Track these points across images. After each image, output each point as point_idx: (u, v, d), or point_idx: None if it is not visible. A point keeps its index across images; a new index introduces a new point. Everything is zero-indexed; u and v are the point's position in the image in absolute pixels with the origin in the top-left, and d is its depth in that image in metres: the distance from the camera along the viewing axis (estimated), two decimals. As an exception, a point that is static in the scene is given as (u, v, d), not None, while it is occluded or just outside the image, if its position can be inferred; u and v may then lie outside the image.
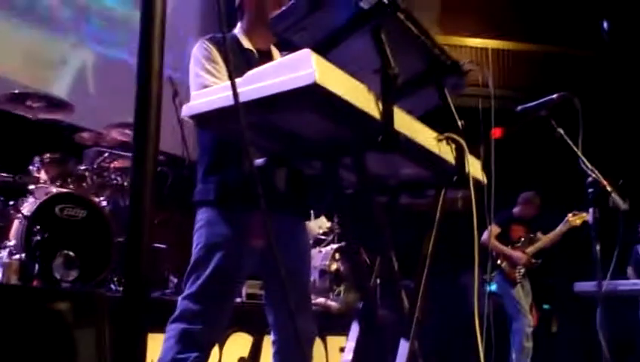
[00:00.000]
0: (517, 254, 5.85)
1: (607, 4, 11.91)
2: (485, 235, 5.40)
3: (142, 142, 0.86)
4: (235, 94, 1.01)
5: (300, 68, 1.19)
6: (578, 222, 5.60)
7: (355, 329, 1.71)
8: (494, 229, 5.57)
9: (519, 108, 3.28)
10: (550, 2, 11.50)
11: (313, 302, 4.49)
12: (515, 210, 6.07)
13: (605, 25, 12.35)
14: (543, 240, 5.89)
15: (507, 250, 5.82)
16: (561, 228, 5.79)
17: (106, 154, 4.32)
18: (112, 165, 4.35)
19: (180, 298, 2.09)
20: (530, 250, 5.89)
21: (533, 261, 5.87)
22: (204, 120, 1.40)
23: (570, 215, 5.68)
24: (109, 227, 3.81)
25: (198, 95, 1.41)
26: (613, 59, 11.43)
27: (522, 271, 5.86)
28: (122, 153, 4.32)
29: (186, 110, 1.42)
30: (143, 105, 0.87)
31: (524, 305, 5.78)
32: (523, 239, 5.96)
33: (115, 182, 4.30)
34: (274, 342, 2.24)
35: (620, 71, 11.11)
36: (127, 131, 4.22)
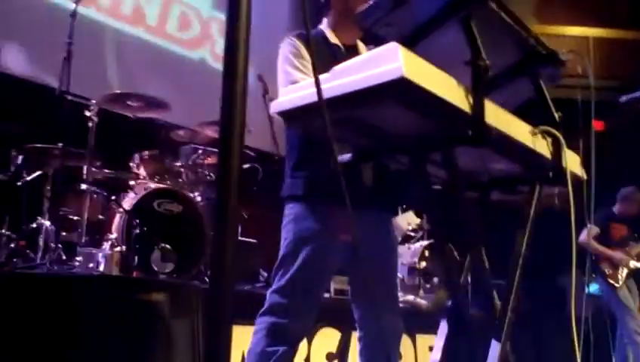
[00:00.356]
0: (618, 255, 5.55)
1: None
2: (584, 235, 5.15)
3: (227, 140, 0.88)
4: (319, 91, 1.01)
5: (386, 62, 1.17)
6: None
7: (444, 328, 1.67)
8: (593, 229, 5.32)
9: (622, 98, 3.10)
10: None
11: (402, 299, 4.46)
12: (616, 207, 5.75)
13: None
14: None
15: (607, 250, 5.52)
16: None
17: (200, 151, 4.47)
18: (205, 161, 4.49)
19: (268, 291, 2.13)
20: (634, 250, 5.58)
21: (635, 262, 5.55)
22: (292, 116, 1.41)
23: None
24: (203, 221, 3.94)
25: (285, 91, 1.43)
26: None
27: (625, 272, 5.53)
28: (215, 150, 4.46)
29: (274, 107, 1.44)
30: (228, 103, 0.88)
31: (633, 308, 5.44)
32: (625, 238, 5.65)
33: (208, 178, 4.44)
34: (360, 339, 2.24)
35: None
36: (220, 129, 4.33)
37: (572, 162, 1.63)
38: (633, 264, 5.55)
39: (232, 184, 0.88)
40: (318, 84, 1.05)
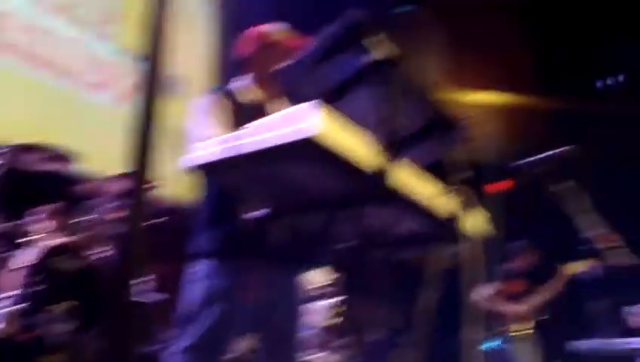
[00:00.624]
0: (518, 308, 5.69)
1: (610, 60, 12.09)
2: (485, 293, 5.35)
3: (136, 193, 0.85)
4: (233, 146, 1.02)
5: (303, 120, 1.20)
6: (580, 268, 5.50)
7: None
8: (492, 286, 5.47)
9: (521, 162, 3.29)
10: (555, 58, 11.68)
11: (312, 357, 4.39)
12: (511, 263, 5.92)
13: (609, 81, 12.52)
14: (543, 293, 5.72)
15: (505, 306, 5.65)
16: (559, 279, 5.61)
17: (108, 205, 4.32)
18: (112, 216, 4.34)
19: (169, 351, 2.05)
20: (531, 304, 5.72)
21: (536, 315, 5.70)
22: (206, 171, 1.40)
23: (567, 265, 5.52)
24: (108, 277, 3.78)
25: (200, 146, 1.42)
26: (615, 114, 11.53)
27: (525, 327, 5.69)
28: (124, 204, 4.32)
29: (189, 160, 1.43)
30: (138, 155, 0.86)
31: None
32: (522, 293, 5.79)
33: (115, 232, 4.29)
34: None
35: (623, 126, 11.18)
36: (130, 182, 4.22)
37: (476, 221, 1.70)
38: (532, 318, 5.70)
39: (138, 239, 0.85)
40: (234, 139, 1.05)
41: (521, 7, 12.08)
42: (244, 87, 2.31)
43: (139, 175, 0.87)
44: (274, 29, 2.34)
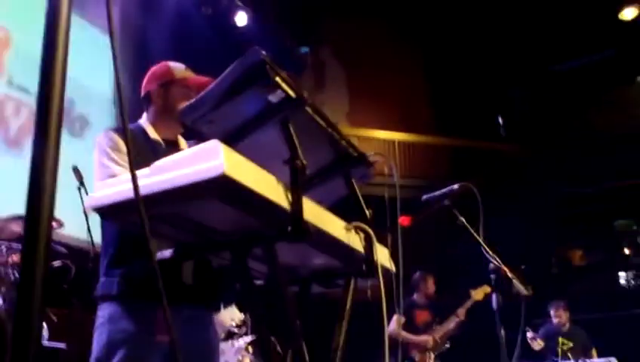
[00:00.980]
0: (423, 339, 5.86)
1: (503, 100, 12.91)
2: (392, 325, 5.43)
3: (33, 236, 0.82)
4: (136, 186, 0.99)
5: (208, 159, 1.19)
6: (480, 295, 5.76)
7: None
8: (400, 318, 5.58)
9: (424, 197, 3.42)
10: (452, 99, 12.32)
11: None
12: (414, 295, 6.12)
13: (501, 120, 13.33)
14: (449, 321, 5.95)
15: (413, 337, 5.83)
16: (464, 306, 5.89)
17: (3, 248, 4.07)
18: (9, 259, 4.09)
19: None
20: (438, 333, 5.91)
21: (441, 344, 5.89)
22: (108, 211, 1.35)
23: (472, 290, 5.82)
24: (4, 326, 3.53)
25: (101, 185, 1.37)
26: (509, 150, 12.26)
27: (432, 356, 5.86)
28: (20, 247, 4.09)
29: (90, 201, 1.38)
30: (35, 197, 0.83)
31: None
32: (429, 323, 6.00)
33: (11, 277, 4.03)
34: None
35: (517, 161, 11.90)
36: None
37: (382, 256, 1.74)
38: (439, 347, 5.90)
39: (36, 284, 0.81)
40: (134, 178, 1.03)
41: (421, 52, 12.72)
42: (147, 125, 2.27)
43: (37, 216, 0.83)
44: (176, 67, 2.33)
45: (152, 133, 2.25)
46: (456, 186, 3.36)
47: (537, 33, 12.03)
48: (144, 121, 2.30)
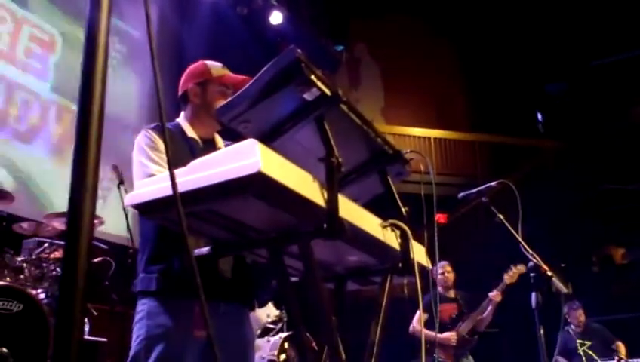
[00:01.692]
0: (445, 336, 5.48)
1: (541, 97, 12.67)
2: (414, 323, 5.31)
3: (74, 232, 0.84)
4: (174, 184, 1.01)
5: (244, 157, 1.20)
6: (515, 277, 5.31)
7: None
8: (423, 315, 5.14)
9: (460, 194, 3.39)
10: (489, 94, 12.14)
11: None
12: (438, 288, 5.70)
13: (540, 116, 13.09)
14: (478, 311, 5.56)
15: (433, 334, 5.31)
16: (498, 288, 5.45)
17: (46, 245, 4.18)
18: (51, 256, 4.20)
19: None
20: (465, 328, 5.55)
21: (468, 338, 5.52)
22: (147, 209, 1.38)
23: (505, 273, 5.38)
24: (47, 321, 3.63)
25: (141, 184, 1.40)
26: (548, 147, 12.03)
27: (460, 352, 5.50)
28: (63, 243, 4.19)
29: (129, 199, 1.40)
30: (77, 194, 0.85)
31: None
32: (455, 319, 5.63)
33: (54, 273, 4.14)
34: None
35: (556, 158, 11.67)
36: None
37: (418, 253, 1.73)
38: (466, 343, 5.53)
39: (78, 279, 0.83)
40: (172, 176, 1.05)
41: (457, 48, 12.57)
42: (184, 123, 2.30)
43: (78, 213, 0.86)
44: (213, 65, 2.35)
45: (190, 132, 2.28)
46: (493, 183, 3.32)
47: (577, 27, 11.77)
48: (181, 119, 2.33)
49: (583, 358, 5.93)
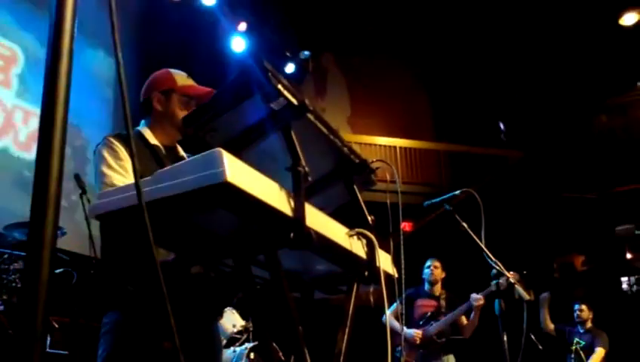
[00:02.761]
0: (410, 332, 5.18)
1: (503, 107, 12.92)
2: (389, 314, 5.19)
3: (36, 244, 0.82)
4: (139, 193, 1.00)
5: (210, 166, 1.20)
6: (504, 285, 5.02)
7: None
8: (398, 307, 4.94)
9: (425, 203, 3.43)
10: (453, 105, 12.33)
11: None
12: (425, 283, 5.47)
13: (502, 126, 13.35)
14: (449, 318, 5.24)
15: (399, 326, 4.97)
16: (483, 292, 5.07)
17: (6, 256, 4.08)
18: (11, 266, 4.10)
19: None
20: (433, 328, 5.24)
21: (435, 340, 5.20)
22: (111, 219, 1.36)
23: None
24: (6, 334, 3.53)
25: (104, 194, 1.38)
26: (511, 156, 12.26)
27: (426, 354, 5.18)
28: (23, 254, 4.10)
29: (93, 209, 1.38)
30: (39, 206, 0.84)
31: None
32: (428, 317, 5.31)
33: (14, 284, 4.04)
34: None
35: (518, 167, 11.90)
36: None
37: (384, 261, 1.75)
38: (432, 345, 5.20)
39: (40, 291, 0.81)
40: (138, 186, 1.04)
41: (422, 59, 12.75)
42: (145, 130, 2.27)
43: (40, 224, 0.84)
44: (177, 74, 2.34)
45: (152, 139, 2.25)
46: (458, 192, 3.37)
47: (534, 38, 12.05)
48: (142, 127, 2.31)
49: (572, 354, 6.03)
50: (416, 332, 5.24)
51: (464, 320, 5.32)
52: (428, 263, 5.54)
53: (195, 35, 8.59)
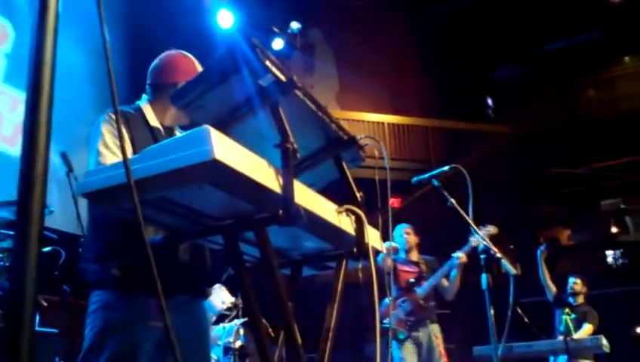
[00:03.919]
0: (404, 306, 5.06)
1: (492, 82, 12.93)
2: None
3: (24, 222, 0.82)
4: (128, 171, 1.00)
5: (198, 144, 1.19)
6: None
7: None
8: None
9: (414, 179, 3.45)
10: (442, 81, 12.31)
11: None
12: (400, 251, 5.30)
13: (489, 101, 13.36)
14: (434, 279, 5.12)
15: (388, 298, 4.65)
16: (463, 250, 4.99)
17: (-5, 234, 4.05)
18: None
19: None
20: (419, 293, 5.13)
21: (423, 305, 5.10)
22: (98, 198, 1.35)
23: (471, 237, 4.78)
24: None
25: (92, 172, 1.37)
26: (498, 132, 12.30)
27: (415, 320, 5.09)
28: (11, 233, 4.07)
29: (80, 187, 1.37)
30: (26, 184, 0.83)
31: None
32: (412, 284, 5.19)
33: (1, 263, 4.02)
34: None
35: (505, 142, 11.95)
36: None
37: (373, 237, 1.76)
38: (421, 311, 5.10)
39: (29, 269, 0.81)
40: (126, 163, 1.03)
41: (411, 35, 12.67)
42: (148, 110, 2.23)
43: (28, 203, 0.84)
44: (192, 58, 2.28)
45: (153, 120, 2.20)
46: (446, 168, 3.39)
47: (525, 14, 12.02)
48: (143, 103, 2.25)
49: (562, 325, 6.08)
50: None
51: (445, 282, 5.24)
52: (399, 231, 5.37)
53: (181, 10, 8.47)
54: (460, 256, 5.00)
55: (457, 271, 5.08)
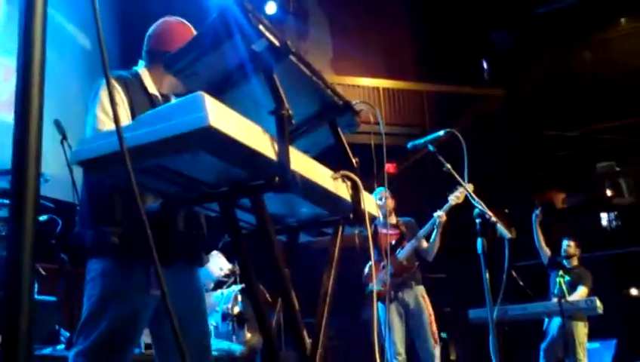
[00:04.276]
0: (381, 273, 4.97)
1: (487, 45, 12.82)
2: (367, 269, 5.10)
3: (20, 191, 0.81)
4: (121, 139, 0.99)
5: (193, 110, 1.18)
6: (461, 198, 4.69)
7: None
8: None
9: (409, 144, 3.44)
10: (436, 44, 12.20)
11: (216, 347, 4.38)
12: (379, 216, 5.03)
13: (485, 65, 13.27)
14: (416, 240, 5.09)
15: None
16: (442, 209, 4.96)
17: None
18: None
19: (71, 353, 1.97)
20: (402, 254, 5.09)
21: (406, 265, 5.08)
22: (93, 165, 1.34)
23: (451, 195, 4.78)
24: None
25: (86, 140, 1.36)
26: (494, 95, 12.26)
27: (399, 282, 5.04)
28: (7, 202, 4.07)
29: (75, 155, 1.36)
30: (20, 151, 0.82)
31: (396, 329, 4.93)
32: (393, 245, 5.12)
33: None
34: None
35: (501, 105, 11.92)
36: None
37: (369, 203, 1.76)
38: (405, 272, 5.10)
39: (26, 238, 0.81)
40: (119, 131, 1.02)
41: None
42: (146, 76, 2.19)
43: (23, 171, 0.83)
44: (190, 26, 2.24)
45: (151, 87, 2.17)
46: (441, 132, 3.38)
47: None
48: (141, 68, 2.22)
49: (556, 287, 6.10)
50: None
51: (425, 243, 5.22)
52: (376, 195, 5.11)
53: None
54: (440, 214, 5.00)
55: (437, 230, 5.07)
